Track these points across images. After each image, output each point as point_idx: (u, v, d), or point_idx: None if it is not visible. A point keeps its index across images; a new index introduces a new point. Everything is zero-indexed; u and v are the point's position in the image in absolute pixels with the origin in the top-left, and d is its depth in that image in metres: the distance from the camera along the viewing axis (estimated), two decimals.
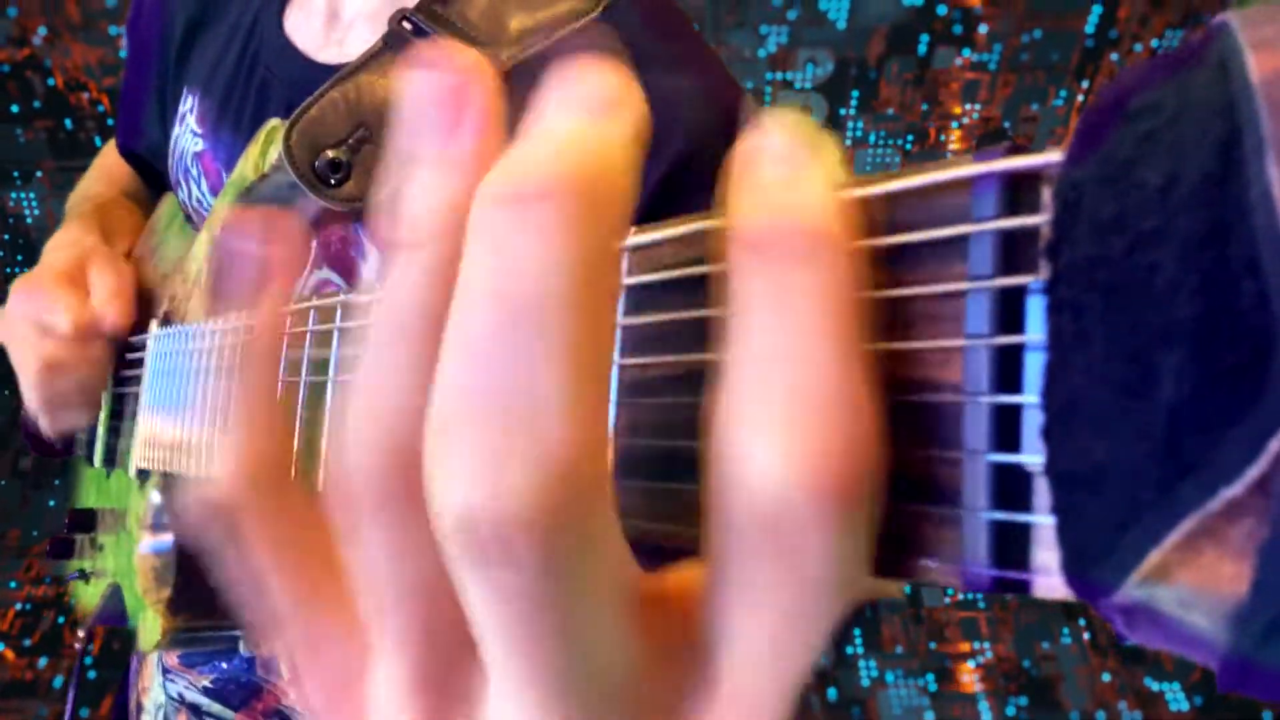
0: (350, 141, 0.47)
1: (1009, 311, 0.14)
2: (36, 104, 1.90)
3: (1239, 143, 0.12)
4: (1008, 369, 0.14)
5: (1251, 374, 0.12)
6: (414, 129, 0.16)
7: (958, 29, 1.83)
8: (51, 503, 1.93)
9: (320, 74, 0.53)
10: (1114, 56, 1.84)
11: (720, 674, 0.15)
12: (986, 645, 1.87)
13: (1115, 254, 0.13)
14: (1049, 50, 1.84)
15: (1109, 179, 0.13)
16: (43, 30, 1.84)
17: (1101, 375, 0.13)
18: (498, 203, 0.14)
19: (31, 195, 1.95)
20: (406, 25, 0.50)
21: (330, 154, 0.47)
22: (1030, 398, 0.14)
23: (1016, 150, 0.14)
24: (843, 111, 1.90)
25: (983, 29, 1.83)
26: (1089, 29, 1.82)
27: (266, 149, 0.50)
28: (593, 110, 0.15)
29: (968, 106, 1.89)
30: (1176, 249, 0.12)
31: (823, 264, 0.14)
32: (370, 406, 0.15)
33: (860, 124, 1.91)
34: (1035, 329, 0.14)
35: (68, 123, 1.91)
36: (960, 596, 1.92)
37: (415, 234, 0.15)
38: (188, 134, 0.64)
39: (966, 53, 1.85)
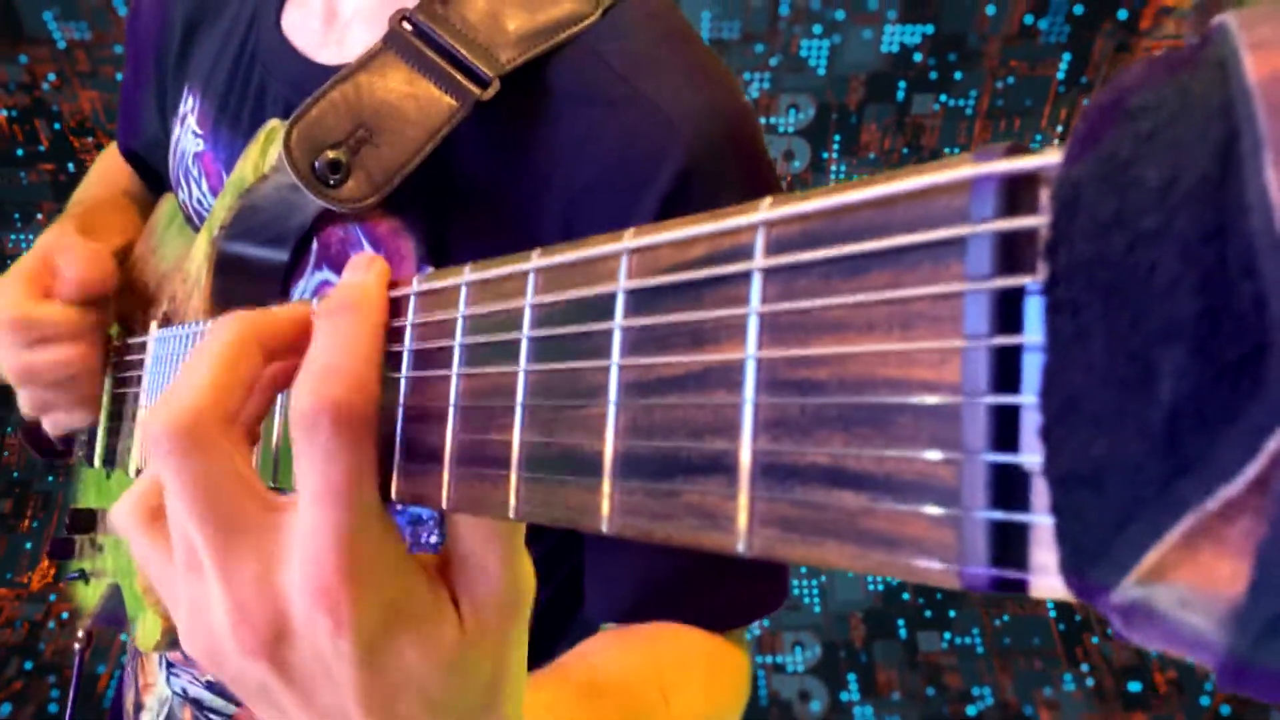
0: (350, 142, 0.47)
1: (1007, 312, 0.14)
2: (41, 148, 1.93)
3: (1237, 144, 0.12)
4: (1006, 369, 0.14)
5: (1250, 373, 0.12)
6: None
7: (934, 75, 1.88)
8: (29, 545, 1.92)
9: (318, 74, 0.53)
10: (1086, 102, 1.88)
11: (296, 513, 0.26)
12: (987, 691, 1.85)
13: (1114, 254, 0.13)
14: (1022, 96, 1.89)
15: (1108, 179, 0.13)
16: (51, 76, 1.88)
17: (1100, 375, 0.13)
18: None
19: (30, 237, 1.98)
20: (407, 25, 0.49)
21: (330, 154, 0.46)
22: (1029, 398, 0.14)
23: (1015, 151, 0.14)
24: (825, 155, 1.94)
25: (958, 75, 1.87)
26: (1060, 75, 1.87)
27: (266, 149, 0.49)
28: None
29: (947, 151, 1.93)
30: (1175, 249, 0.13)
31: (340, 316, 0.28)
32: None
33: (843, 167, 1.95)
34: (1034, 329, 0.14)
35: (70, 166, 1.93)
36: (958, 641, 1.90)
37: None
38: (189, 135, 0.64)
39: (944, 98, 1.90)
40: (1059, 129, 1.90)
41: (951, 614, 1.92)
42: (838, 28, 1.85)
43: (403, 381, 0.27)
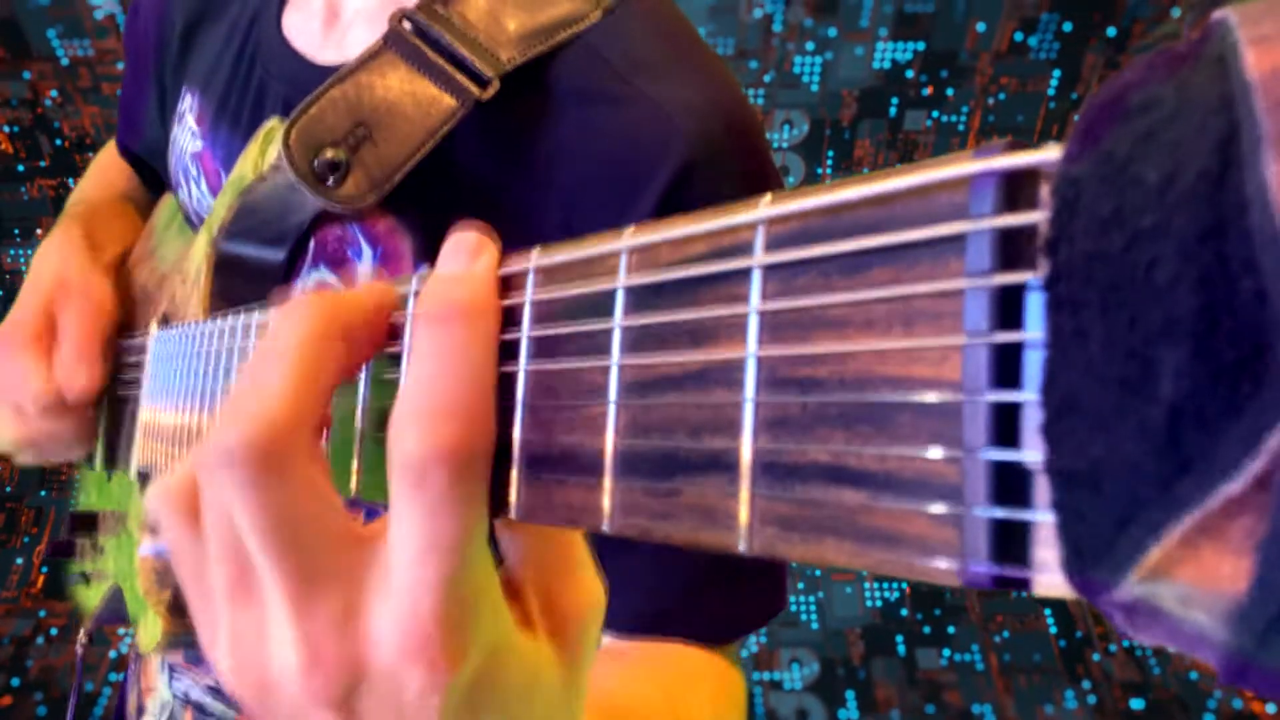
0: (349, 141, 0.47)
1: (1008, 308, 0.14)
2: (43, 163, 1.94)
3: (1237, 140, 0.12)
4: (1007, 366, 0.14)
5: (1250, 370, 0.12)
6: None
7: (926, 91, 1.89)
8: (19, 560, 1.91)
9: (318, 74, 0.53)
10: (1077, 118, 1.91)
11: (390, 566, 0.22)
12: (988, 709, 1.84)
13: (1114, 250, 0.13)
14: (1014, 112, 1.91)
15: (1107, 176, 0.13)
16: (54, 93, 1.89)
17: (1101, 372, 0.13)
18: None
19: (29, 252, 1.98)
20: (407, 24, 0.49)
21: (329, 153, 0.46)
22: (1029, 395, 0.14)
23: (1015, 147, 0.14)
24: (819, 171, 1.96)
25: (950, 91, 1.89)
26: (1051, 91, 1.89)
27: (265, 148, 0.49)
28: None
29: None
30: (1175, 245, 0.13)
31: (451, 328, 0.23)
32: None
33: None
34: (1034, 326, 0.14)
35: (71, 182, 1.94)
36: (958, 658, 1.89)
37: None
38: (186, 134, 0.64)
39: (936, 114, 1.91)
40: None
41: (951, 630, 1.91)
42: (830, 44, 1.87)
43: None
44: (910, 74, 1.89)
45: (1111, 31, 1.84)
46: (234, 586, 0.24)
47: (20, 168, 1.94)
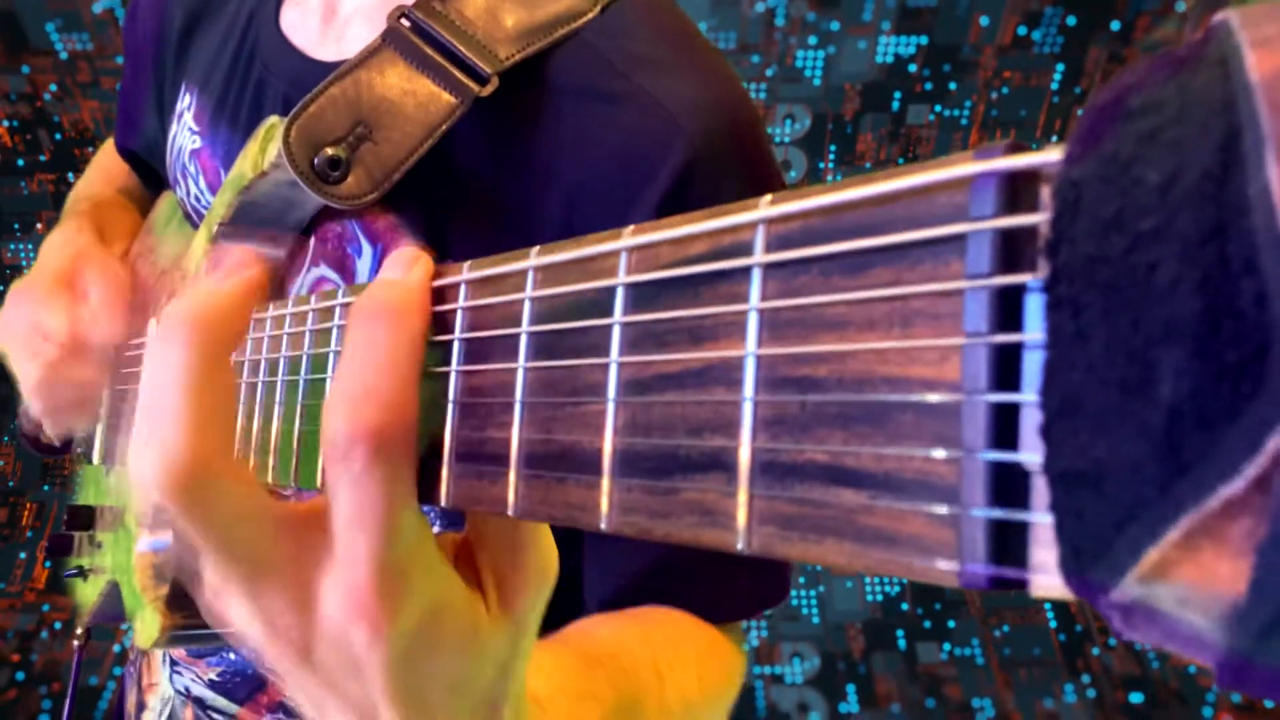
0: (349, 139, 0.47)
1: (1008, 310, 0.14)
2: (42, 158, 1.94)
3: (1239, 141, 0.12)
4: (1006, 367, 0.14)
5: (1250, 372, 0.12)
6: None
7: (929, 86, 1.89)
8: (22, 554, 1.91)
9: (317, 71, 0.53)
10: (1080, 112, 1.91)
11: (332, 537, 0.25)
12: (987, 703, 1.84)
13: (1115, 252, 0.13)
14: (1017, 106, 1.90)
15: (1109, 177, 0.13)
16: (53, 87, 1.89)
17: (1100, 373, 0.13)
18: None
19: (29, 246, 1.98)
20: (405, 22, 0.49)
21: (329, 151, 0.47)
22: (1029, 396, 0.14)
23: (1015, 149, 0.14)
24: (821, 165, 1.96)
25: (952, 85, 1.89)
26: (1054, 85, 1.88)
27: (265, 146, 0.49)
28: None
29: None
30: (1176, 247, 0.13)
31: (379, 325, 0.25)
32: None
33: (839, 177, 1.96)
34: (1034, 327, 0.14)
35: (71, 176, 1.94)
36: (958, 652, 1.89)
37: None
38: (185, 131, 0.64)
39: (938, 109, 1.91)
40: (1054, 139, 1.91)
41: (951, 624, 1.91)
42: (832, 38, 1.87)
43: None
44: (913, 68, 1.89)
45: (1115, 25, 1.84)
46: (215, 583, 0.27)
47: (20, 162, 1.94)
